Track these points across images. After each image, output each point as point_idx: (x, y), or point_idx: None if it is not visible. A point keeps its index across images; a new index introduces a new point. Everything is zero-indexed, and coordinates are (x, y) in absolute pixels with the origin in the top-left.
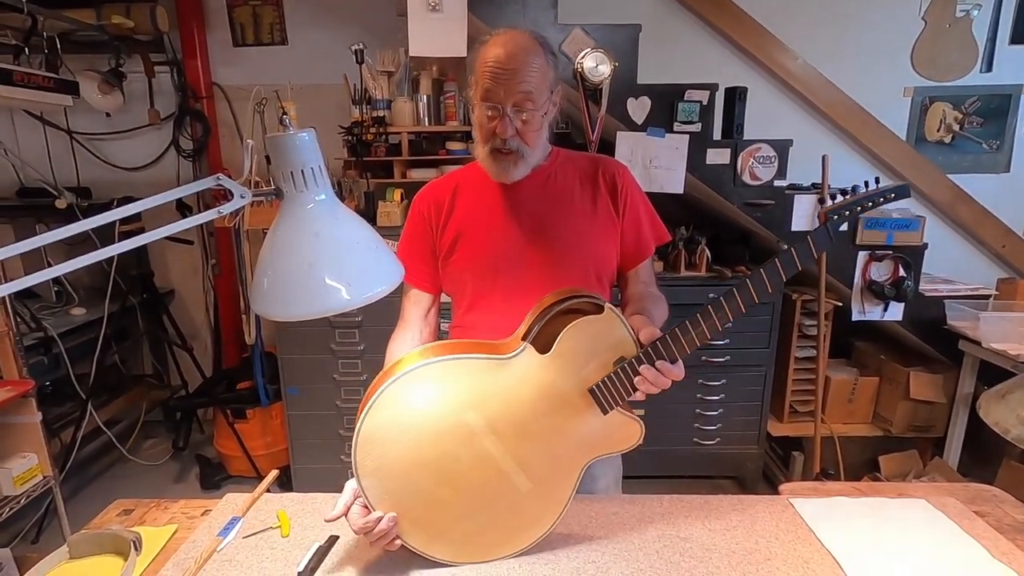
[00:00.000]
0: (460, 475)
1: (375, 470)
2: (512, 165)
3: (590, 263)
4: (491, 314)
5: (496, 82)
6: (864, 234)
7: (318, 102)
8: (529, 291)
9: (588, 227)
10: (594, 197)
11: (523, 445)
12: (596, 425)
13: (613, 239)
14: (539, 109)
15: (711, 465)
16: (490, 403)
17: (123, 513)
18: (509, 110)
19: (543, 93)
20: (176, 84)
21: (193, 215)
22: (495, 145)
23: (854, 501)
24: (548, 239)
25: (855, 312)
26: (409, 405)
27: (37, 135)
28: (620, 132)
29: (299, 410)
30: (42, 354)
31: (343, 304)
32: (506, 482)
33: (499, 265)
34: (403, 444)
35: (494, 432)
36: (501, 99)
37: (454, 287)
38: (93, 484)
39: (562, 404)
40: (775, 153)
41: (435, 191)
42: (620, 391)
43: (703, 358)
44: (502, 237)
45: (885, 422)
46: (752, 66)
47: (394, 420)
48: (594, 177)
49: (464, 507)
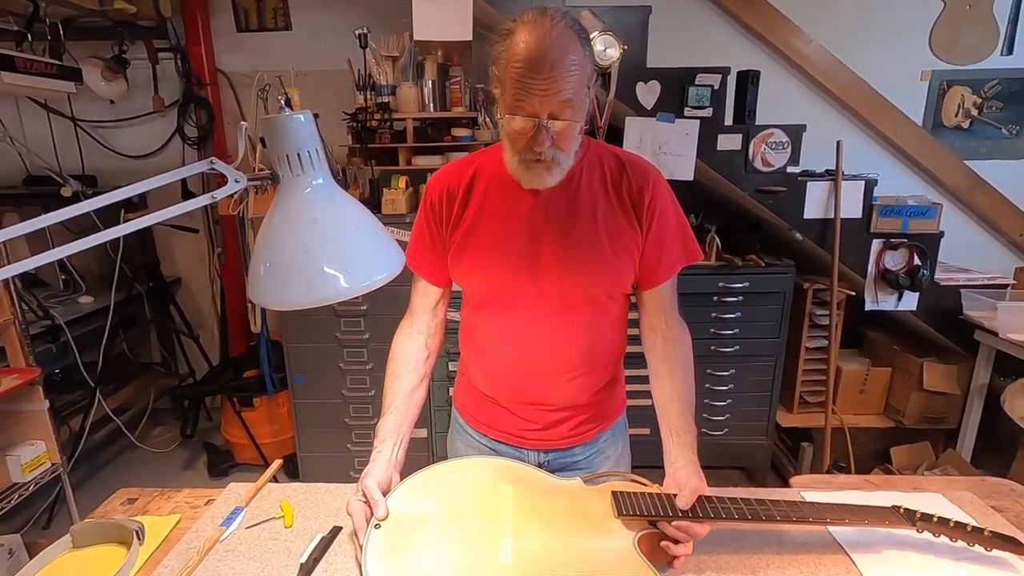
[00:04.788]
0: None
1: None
2: (546, 172)
3: (603, 278)
4: (497, 317)
5: (530, 92)
6: (879, 222)
7: (322, 88)
8: (533, 304)
9: (606, 239)
10: (617, 207)
11: (528, 522)
12: (606, 549)
13: (632, 256)
14: (580, 116)
15: (719, 455)
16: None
17: (127, 502)
18: (545, 121)
19: (582, 94)
20: (180, 71)
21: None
22: (527, 156)
23: (867, 494)
24: (560, 250)
25: (868, 302)
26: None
27: (42, 123)
28: (629, 117)
29: (305, 399)
30: (50, 342)
31: (341, 292)
32: (494, 543)
33: (506, 271)
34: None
35: (513, 498)
36: (536, 111)
37: (463, 283)
38: (103, 471)
39: (583, 512)
40: (788, 139)
41: (450, 178)
42: (642, 505)
43: (712, 347)
44: (513, 241)
45: (897, 413)
46: (765, 49)
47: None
48: (619, 185)
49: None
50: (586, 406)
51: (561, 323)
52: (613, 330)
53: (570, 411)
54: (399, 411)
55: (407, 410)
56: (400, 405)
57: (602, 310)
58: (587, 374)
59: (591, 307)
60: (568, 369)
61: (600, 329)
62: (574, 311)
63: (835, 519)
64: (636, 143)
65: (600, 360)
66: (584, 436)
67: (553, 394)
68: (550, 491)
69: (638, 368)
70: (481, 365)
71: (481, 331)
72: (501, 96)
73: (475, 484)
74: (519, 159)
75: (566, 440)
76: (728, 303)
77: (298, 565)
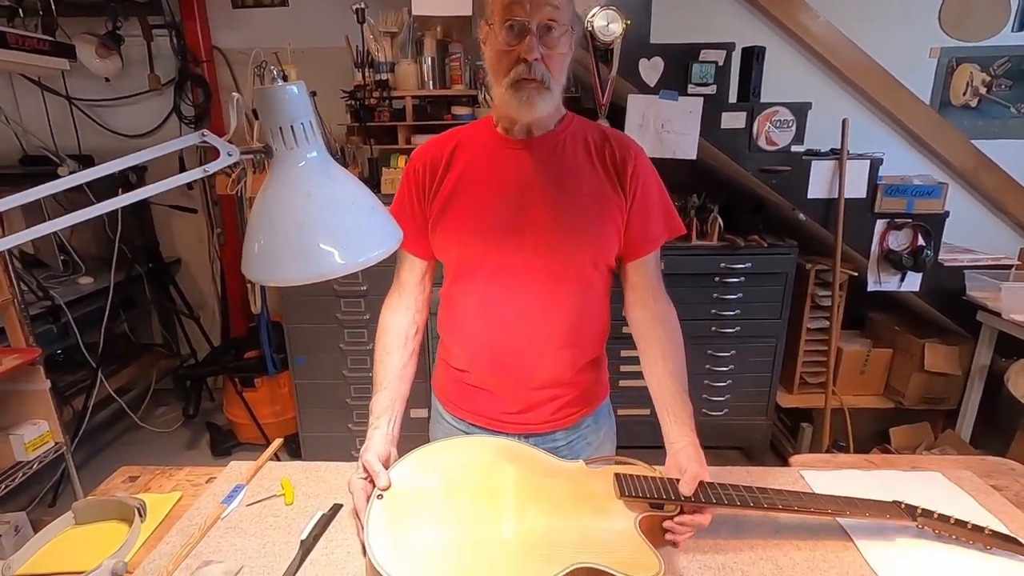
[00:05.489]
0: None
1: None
2: (536, 94)
3: (589, 247)
4: (477, 289)
5: (520, 1)
6: (884, 202)
7: (321, 65)
8: (519, 271)
9: (592, 205)
10: (602, 175)
11: (530, 501)
12: (607, 529)
13: (616, 224)
14: (564, 32)
15: (718, 435)
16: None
17: (129, 480)
18: (535, 27)
19: (566, 16)
20: (175, 48)
21: (196, 183)
22: (518, 74)
23: (867, 474)
24: (546, 215)
25: (871, 282)
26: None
27: (37, 101)
28: (631, 95)
29: (306, 379)
30: (50, 323)
31: (336, 268)
32: (496, 520)
33: (490, 238)
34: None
35: (516, 477)
36: (527, 14)
37: (443, 254)
38: (106, 451)
39: (588, 492)
40: (793, 117)
41: (432, 149)
42: (644, 488)
43: (713, 328)
44: (497, 207)
45: (897, 394)
46: (770, 25)
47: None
48: (603, 153)
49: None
50: (570, 384)
51: (547, 292)
52: (598, 304)
53: (553, 390)
54: (392, 386)
55: (400, 385)
56: (393, 380)
57: (587, 281)
58: (572, 346)
59: (577, 276)
60: (553, 339)
61: (585, 301)
62: (560, 280)
63: (836, 511)
64: (639, 121)
65: (585, 334)
66: (566, 420)
67: (537, 368)
68: (552, 472)
69: (634, 348)
70: (462, 340)
71: (462, 303)
72: (489, 24)
73: (477, 462)
74: (509, 82)
75: (547, 424)
76: (730, 284)
77: (298, 542)
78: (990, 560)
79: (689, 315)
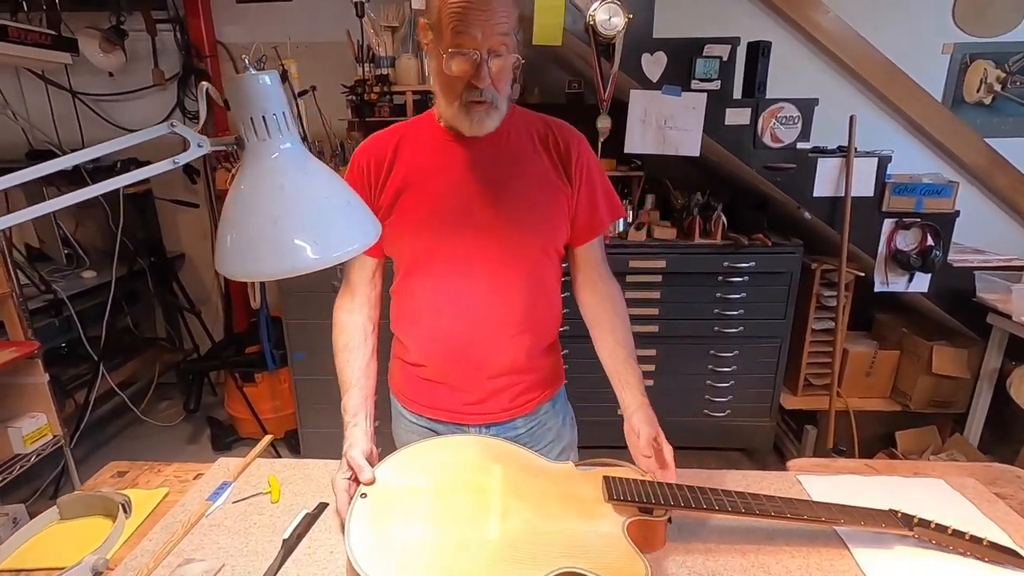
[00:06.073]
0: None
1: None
2: (486, 115)
3: (539, 233)
4: (429, 281)
5: (471, 23)
6: (892, 200)
7: (322, 60)
8: (471, 259)
9: (539, 193)
10: (547, 163)
11: (516, 502)
12: (594, 533)
13: (565, 209)
14: (512, 52)
15: (720, 437)
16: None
17: (117, 475)
18: (486, 54)
19: (515, 33)
20: (179, 43)
21: (199, 178)
22: (469, 98)
23: (867, 480)
24: (496, 204)
25: (878, 283)
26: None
27: (42, 96)
28: (633, 90)
29: (305, 375)
30: (52, 316)
31: (310, 263)
32: (480, 521)
33: (441, 229)
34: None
35: (503, 477)
36: (478, 43)
37: (393, 249)
38: (109, 444)
39: (576, 494)
40: (799, 113)
41: (376, 145)
42: (633, 491)
43: (716, 328)
44: (446, 198)
45: (904, 397)
46: (777, 19)
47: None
48: (546, 142)
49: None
50: (526, 370)
51: (499, 281)
52: (550, 291)
53: (509, 376)
54: (361, 383)
55: (368, 383)
56: (361, 378)
57: (538, 267)
58: (527, 332)
59: (528, 264)
60: (508, 326)
61: (537, 287)
62: (511, 268)
63: (830, 519)
64: (641, 117)
65: (539, 320)
66: (525, 407)
67: (494, 356)
68: (540, 473)
69: (638, 348)
70: (416, 336)
71: (415, 297)
72: (436, 41)
73: (463, 461)
74: (459, 104)
75: (507, 412)
76: (733, 283)
77: (280, 541)
78: (991, 572)
79: (691, 314)
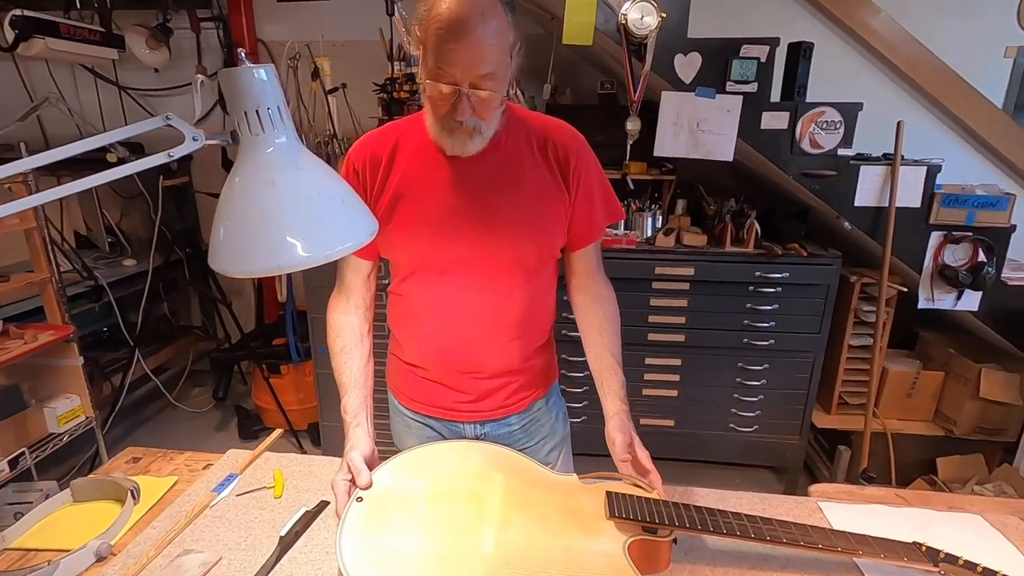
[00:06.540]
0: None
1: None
2: (468, 140)
3: (535, 242)
4: (427, 287)
5: (450, 61)
6: (940, 212)
7: (357, 58)
8: (467, 267)
9: (536, 202)
10: (544, 171)
11: (515, 513)
12: (593, 550)
13: (562, 216)
14: (501, 87)
15: (747, 453)
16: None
17: (132, 460)
18: (467, 89)
19: (504, 64)
20: (222, 40)
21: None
22: (451, 123)
23: (895, 511)
24: (492, 211)
25: (922, 299)
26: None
27: (91, 91)
28: (665, 92)
29: (328, 369)
30: (93, 302)
31: (299, 261)
32: (477, 532)
33: (437, 237)
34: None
35: (504, 487)
36: (457, 79)
37: (389, 254)
38: (143, 427)
39: (577, 508)
40: (841, 118)
41: (372, 146)
42: (636, 509)
43: (744, 340)
44: (442, 207)
45: (948, 421)
46: (820, 19)
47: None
48: (544, 148)
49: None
50: (518, 371)
51: (494, 287)
52: (544, 295)
53: (503, 378)
54: (360, 384)
55: (366, 383)
56: (360, 378)
57: (533, 273)
58: (519, 338)
59: (523, 270)
60: (500, 333)
61: (532, 293)
62: (506, 274)
63: (848, 549)
64: (672, 119)
65: (533, 324)
66: (519, 405)
67: (487, 360)
68: (543, 484)
69: (660, 357)
70: (412, 337)
71: (412, 302)
72: (423, 58)
73: (465, 468)
74: (441, 125)
75: (501, 410)
76: (765, 294)
77: (277, 538)
78: None
79: (719, 325)
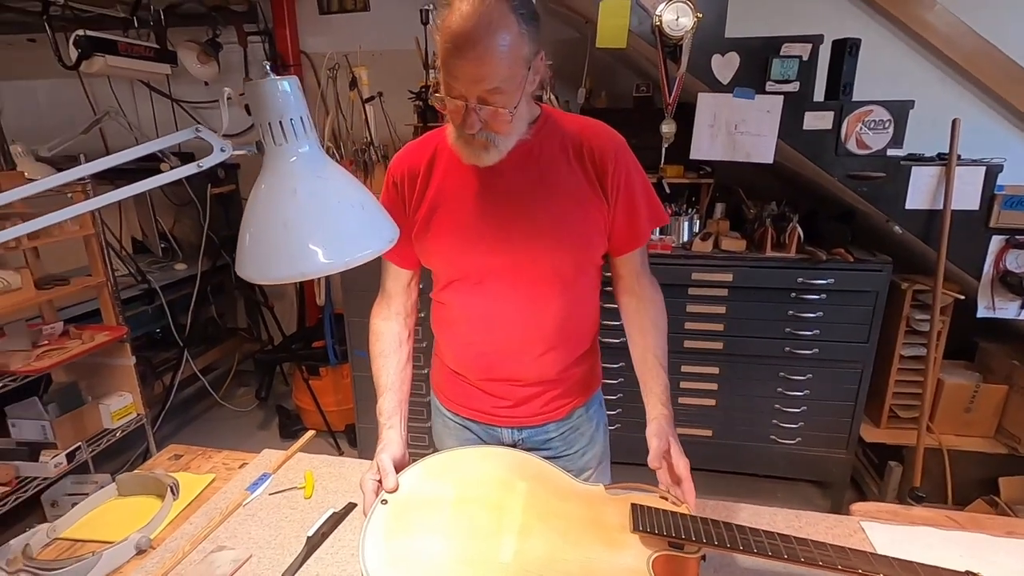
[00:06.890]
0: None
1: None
2: (483, 151)
3: (572, 250)
4: (464, 296)
5: (455, 76)
6: (1002, 215)
7: (395, 68)
8: (503, 277)
9: (572, 210)
10: (580, 177)
11: (537, 523)
12: (615, 565)
13: (600, 224)
14: (511, 101)
15: (790, 466)
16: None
17: (174, 457)
18: (474, 103)
19: (515, 80)
20: (267, 54)
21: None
22: (465, 131)
23: (945, 535)
24: (527, 221)
25: (982, 307)
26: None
27: (147, 104)
28: (702, 93)
29: (365, 371)
30: (146, 304)
31: (320, 268)
32: (498, 540)
33: (473, 248)
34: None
35: (528, 495)
36: (463, 94)
37: (428, 263)
38: (190, 425)
39: (601, 520)
40: (890, 117)
41: (411, 157)
42: (662, 523)
43: (786, 349)
44: (477, 217)
45: (1012, 438)
46: (868, 14)
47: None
48: (580, 154)
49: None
50: (556, 381)
51: (529, 298)
52: (584, 304)
53: (540, 386)
54: (396, 387)
55: (402, 387)
56: (396, 382)
57: (571, 283)
58: (556, 348)
59: (559, 280)
60: (536, 344)
61: (571, 302)
62: (542, 285)
63: (890, 575)
64: (709, 121)
65: (571, 335)
66: (557, 412)
67: (522, 370)
68: (568, 494)
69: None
70: (451, 343)
71: (451, 309)
72: (439, 66)
73: (491, 475)
74: (457, 134)
75: (539, 416)
76: (808, 301)
77: (305, 538)
78: None
79: (760, 332)
